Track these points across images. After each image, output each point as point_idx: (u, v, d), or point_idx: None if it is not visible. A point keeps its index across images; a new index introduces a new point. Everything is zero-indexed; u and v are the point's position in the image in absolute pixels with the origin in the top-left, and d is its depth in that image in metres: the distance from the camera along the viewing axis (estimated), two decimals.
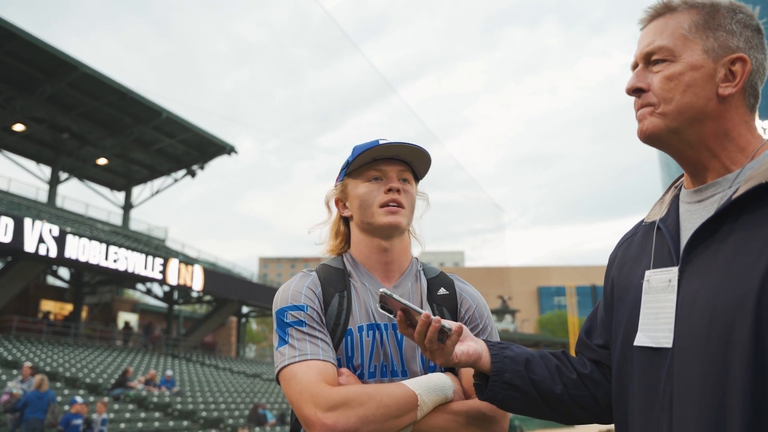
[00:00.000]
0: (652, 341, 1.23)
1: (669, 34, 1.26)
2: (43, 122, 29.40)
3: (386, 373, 1.60)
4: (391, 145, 1.67)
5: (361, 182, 1.71)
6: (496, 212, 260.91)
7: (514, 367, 1.42)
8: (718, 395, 1.07)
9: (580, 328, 1.58)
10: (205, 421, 17.12)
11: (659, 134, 1.28)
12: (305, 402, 1.45)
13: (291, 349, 1.53)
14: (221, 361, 30.72)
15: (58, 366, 18.81)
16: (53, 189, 32.55)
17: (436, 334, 1.34)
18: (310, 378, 1.48)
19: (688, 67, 1.23)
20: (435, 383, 1.55)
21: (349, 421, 1.42)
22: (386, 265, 1.72)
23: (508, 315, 58.58)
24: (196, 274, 27.71)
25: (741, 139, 1.24)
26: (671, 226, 1.30)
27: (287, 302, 1.61)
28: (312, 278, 1.69)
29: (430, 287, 1.74)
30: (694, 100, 1.23)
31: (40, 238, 20.75)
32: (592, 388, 1.45)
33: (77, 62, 26.10)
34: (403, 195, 1.69)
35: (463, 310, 1.73)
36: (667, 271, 1.24)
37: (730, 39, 1.23)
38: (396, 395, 1.48)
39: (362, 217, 1.69)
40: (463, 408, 1.55)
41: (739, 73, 1.22)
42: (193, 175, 36.04)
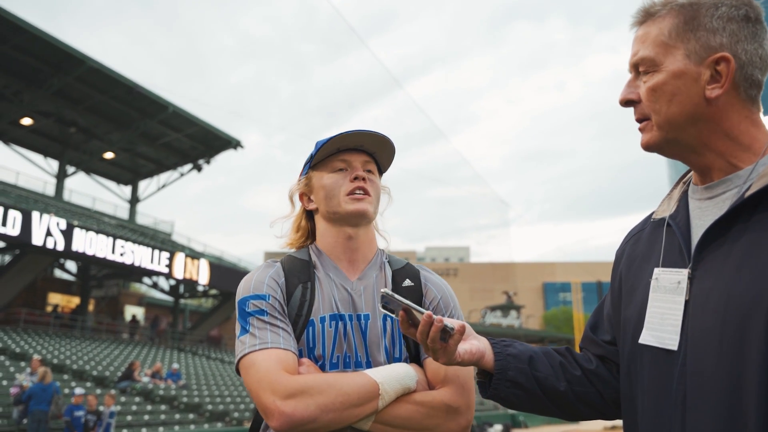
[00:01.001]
0: (657, 341, 1.22)
1: (650, 43, 1.23)
2: (51, 116, 29.47)
3: (350, 364, 1.58)
4: (355, 134, 1.66)
5: (325, 173, 1.70)
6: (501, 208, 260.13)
7: (518, 364, 1.41)
8: (732, 394, 1.06)
9: (585, 324, 1.58)
10: (210, 414, 17.18)
11: (658, 146, 1.27)
12: (263, 390, 1.43)
13: (251, 337, 1.52)
14: (227, 355, 30.79)
15: (65, 359, 18.92)
16: (60, 183, 32.65)
17: (439, 334, 1.33)
18: (269, 366, 1.46)
19: (671, 75, 1.21)
20: (398, 373, 1.54)
21: (308, 409, 1.41)
22: (351, 254, 1.70)
23: (513, 311, 58.47)
24: (202, 268, 27.75)
25: (744, 136, 1.21)
26: (681, 223, 1.27)
27: (249, 291, 1.60)
28: (276, 268, 1.68)
29: (395, 278, 1.72)
30: (680, 108, 1.21)
31: (47, 231, 20.84)
32: (598, 384, 1.44)
33: (84, 56, 26.12)
34: (369, 183, 1.68)
35: (427, 300, 1.71)
36: (677, 272, 1.22)
37: (711, 38, 1.19)
38: (357, 384, 1.47)
39: (328, 206, 1.68)
40: (427, 398, 1.54)
41: (725, 72, 1.18)
42: (200, 170, 36.06)
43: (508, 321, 55.98)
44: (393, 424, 1.50)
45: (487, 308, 59.49)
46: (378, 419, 1.49)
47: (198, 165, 35.90)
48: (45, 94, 27.42)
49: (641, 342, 1.26)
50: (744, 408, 1.04)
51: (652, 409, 1.21)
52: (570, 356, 1.49)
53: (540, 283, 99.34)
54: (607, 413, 1.46)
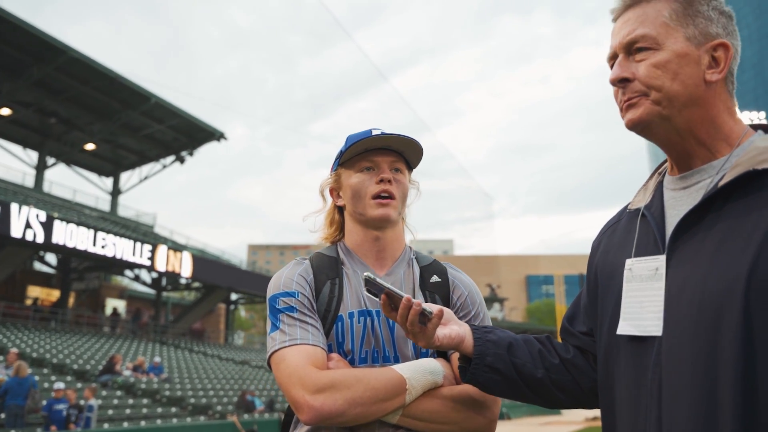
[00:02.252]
0: (638, 330, 1.23)
1: (651, 22, 1.25)
2: (30, 106, 29.06)
3: (378, 359, 1.62)
4: (382, 137, 1.69)
5: (353, 172, 1.73)
6: (486, 201, 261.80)
7: (496, 350, 1.44)
8: (708, 382, 1.07)
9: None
10: (193, 407, 17.12)
11: (651, 121, 1.26)
12: (293, 385, 1.47)
13: (281, 334, 1.57)
14: (210, 348, 30.72)
15: (45, 352, 18.74)
16: (40, 174, 32.28)
17: (417, 317, 1.37)
18: (299, 362, 1.50)
19: (674, 54, 1.22)
20: (425, 368, 1.57)
21: (336, 403, 1.44)
22: (378, 253, 1.74)
23: (497, 303, 58.89)
24: (185, 260, 27.61)
25: (725, 126, 1.25)
26: (656, 213, 1.29)
27: (279, 289, 1.65)
28: (304, 266, 1.72)
29: (423, 275, 1.76)
30: (683, 87, 1.22)
31: (27, 223, 20.58)
32: (575, 373, 1.46)
33: (65, 46, 25.79)
34: (394, 185, 1.71)
35: (455, 297, 1.75)
36: (653, 259, 1.23)
37: (709, 25, 1.23)
38: (384, 379, 1.50)
39: (354, 207, 1.72)
40: (453, 393, 1.57)
41: (722, 59, 1.23)
42: (182, 162, 35.82)
43: (491, 313, 56.20)
44: (420, 418, 1.54)
45: None
46: (405, 413, 1.52)
47: (181, 157, 35.67)
48: (25, 84, 27.01)
49: (619, 333, 1.27)
50: (720, 395, 1.05)
51: (629, 399, 1.22)
52: (549, 344, 1.51)
53: (523, 276, 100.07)
54: (584, 401, 1.48)
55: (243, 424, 15.72)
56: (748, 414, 1.01)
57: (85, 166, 36.05)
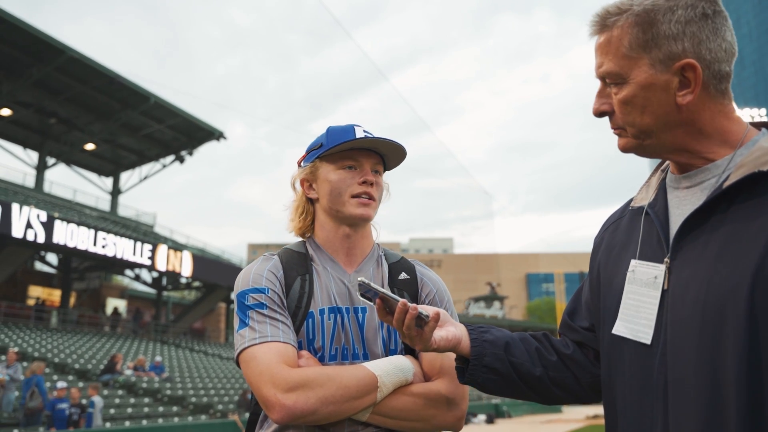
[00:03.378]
0: (630, 333, 1.23)
1: (613, 56, 1.22)
2: (30, 107, 29.04)
3: (347, 356, 1.61)
4: (372, 140, 1.67)
5: (334, 168, 1.70)
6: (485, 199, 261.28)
7: (494, 350, 1.43)
8: (713, 383, 1.06)
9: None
10: (194, 406, 17.12)
11: (635, 151, 1.28)
12: (264, 383, 1.46)
13: (251, 331, 1.54)
14: (210, 347, 30.70)
15: (46, 352, 18.75)
16: (41, 174, 32.25)
17: (414, 321, 1.36)
18: (270, 359, 1.49)
19: (639, 87, 1.20)
20: (395, 365, 1.57)
21: (308, 402, 1.44)
22: (349, 250, 1.73)
23: (497, 301, 58.79)
24: (185, 260, 27.62)
25: (719, 131, 1.22)
26: (660, 212, 1.28)
27: (248, 285, 1.62)
28: (273, 261, 1.69)
29: (392, 272, 1.76)
30: (654, 118, 1.21)
31: (27, 223, 20.60)
32: (574, 369, 1.46)
33: (64, 46, 25.76)
34: (375, 188, 1.70)
35: (423, 294, 1.75)
36: (654, 266, 1.22)
37: (673, 45, 1.17)
38: (356, 377, 1.50)
39: (331, 203, 1.70)
40: (423, 390, 1.58)
41: (693, 78, 1.17)
42: (182, 161, 35.77)
43: (491, 312, 56.29)
44: (390, 415, 1.54)
45: (471, 299, 59.80)
46: (376, 411, 1.53)
47: (180, 156, 35.62)
48: (24, 85, 27.00)
49: (614, 333, 1.27)
50: (725, 397, 1.04)
51: (633, 399, 1.22)
52: (547, 342, 1.51)
53: (523, 274, 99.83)
54: (583, 397, 1.48)
55: (244, 422, 15.72)
56: (755, 415, 1.01)
57: (85, 166, 36.00)
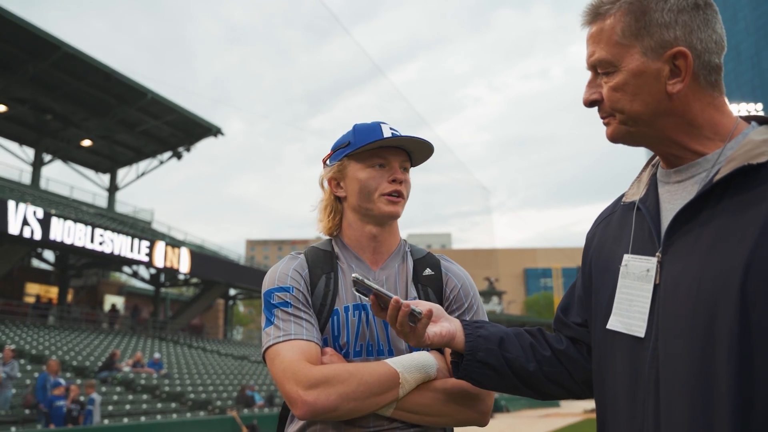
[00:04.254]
0: (624, 327, 1.23)
1: (605, 44, 1.23)
2: (26, 103, 28.97)
3: (372, 352, 1.63)
4: (401, 138, 1.68)
5: (363, 167, 1.70)
6: (484, 195, 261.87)
7: (488, 345, 1.44)
8: (704, 377, 1.06)
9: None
10: (193, 403, 17.15)
11: (623, 139, 1.28)
12: (287, 380, 1.49)
13: (276, 329, 1.58)
14: (209, 344, 30.73)
15: (44, 349, 18.73)
16: (37, 171, 32.17)
17: (407, 318, 1.39)
18: (293, 357, 1.52)
19: (630, 75, 1.21)
20: (417, 361, 1.58)
21: (329, 398, 1.46)
22: (375, 248, 1.74)
23: (495, 297, 58.99)
24: (183, 256, 27.59)
25: (709, 123, 1.22)
26: (651, 207, 1.28)
27: (274, 284, 1.65)
28: (299, 261, 1.72)
29: (416, 268, 1.76)
30: (644, 106, 1.21)
31: (24, 220, 20.53)
32: (568, 365, 1.46)
33: (60, 42, 25.68)
34: (404, 186, 1.71)
35: (448, 290, 1.75)
36: (646, 260, 1.23)
37: (665, 33, 1.18)
38: (377, 373, 1.52)
39: (361, 201, 1.70)
40: (446, 386, 1.59)
41: (683, 66, 1.18)
42: (179, 157, 35.74)
43: (489, 307, 56.49)
44: (414, 411, 1.56)
45: None
46: (399, 406, 1.54)
47: (178, 153, 35.59)
48: (20, 81, 26.90)
49: (609, 328, 1.28)
50: (716, 390, 1.05)
51: (625, 393, 1.22)
52: (541, 337, 1.52)
53: (521, 269, 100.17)
54: (577, 392, 1.49)
55: (243, 419, 15.74)
56: (746, 408, 1.01)
57: (82, 162, 35.96)
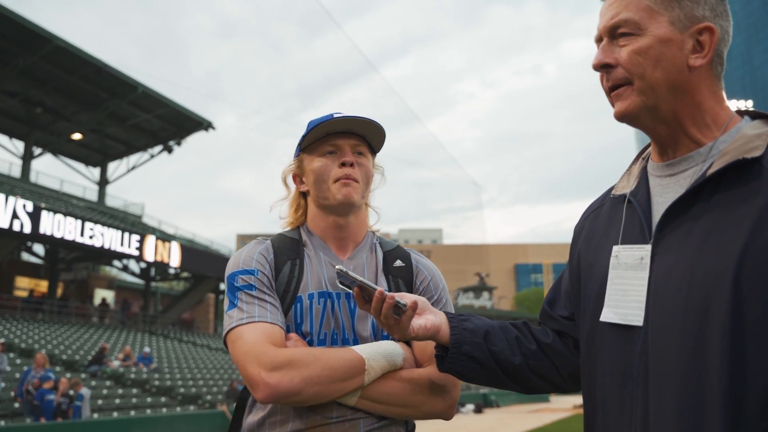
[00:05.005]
0: (620, 318, 1.22)
1: (634, 6, 1.21)
2: (16, 96, 28.72)
3: (337, 341, 1.60)
4: (344, 119, 1.66)
5: (315, 157, 1.70)
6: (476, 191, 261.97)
7: (473, 338, 1.43)
8: (695, 371, 1.06)
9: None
10: (183, 397, 17.10)
11: (636, 113, 1.24)
12: (249, 362, 1.45)
13: (239, 311, 1.54)
14: (199, 338, 30.65)
15: (33, 343, 18.64)
16: (27, 164, 31.94)
17: (392, 310, 1.36)
18: (256, 339, 1.48)
19: (656, 40, 1.19)
20: (384, 349, 1.56)
21: (293, 381, 1.42)
22: (341, 239, 1.73)
23: (486, 292, 59.09)
24: (174, 250, 27.49)
25: (711, 111, 1.22)
26: (642, 200, 1.27)
27: (238, 267, 1.62)
28: (265, 245, 1.70)
29: (386, 259, 1.75)
30: (665, 74, 1.19)
31: (13, 213, 20.40)
32: (553, 358, 1.45)
33: (51, 35, 25.45)
34: (357, 169, 1.69)
35: (418, 281, 1.74)
36: (639, 248, 1.22)
37: (695, 8, 1.19)
38: (343, 358, 1.49)
39: (317, 191, 1.69)
40: (413, 375, 1.57)
41: (707, 43, 1.19)
42: (170, 151, 35.56)
43: (480, 302, 56.58)
44: (379, 401, 1.53)
45: (460, 289, 60.07)
46: (364, 395, 1.51)
47: (168, 146, 35.41)
48: (10, 74, 26.68)
49: (602, 320, 1.26)
50: (707, 384, 1.04)
51: (613, 387, 1.21)
52: (527, 330, 1.51)
53: (512, 265, 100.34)
54: (563, 386, 1.49)
55: (233, 413, 15.71)
56: (736, 403, 1.01)
57: (72, 156, 35.71)
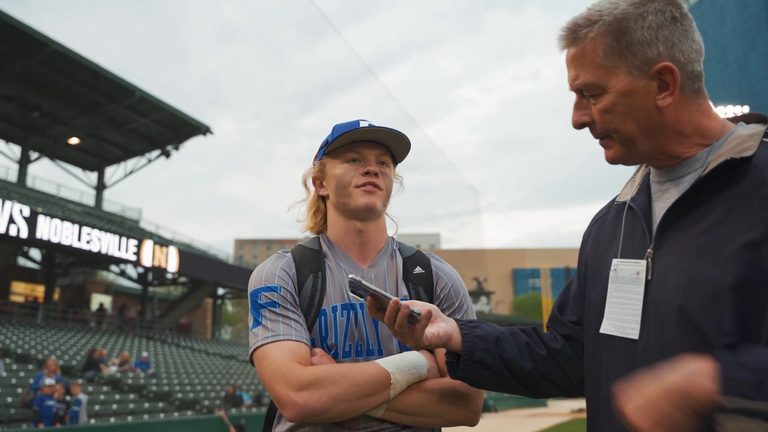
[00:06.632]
0: (617, 330, 1.24)
1: (589, 68, 1.23)
2: (13, 100, 28.69)
3: (362, 353, 1.61)
4: (371, 129, 1.67)
5: (339, 163, 1.70)
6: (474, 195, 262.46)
7: (485, 345, 1.43)
8: None
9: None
10: (180, 402, 17.07)
11: (624, 159, 1.28)
12: (277, 381, 1.47)
13: (264, 330, 1.55)
14: (197, 343, 30.57)
15: (30, 348, 18.58)
16: (23, 168, 31.86)
17: (406, 319, 1.37)
18: (282, 358, 1.49)
19: (619, 95, 1.21)
20: (408, 362, 1.56)
21: (320, 400, 1.44)
22: (362, 245, 1.72)
23: (483, 297, 59.11)
24: (171, 255, 27.45)
25: (698, 129, 1.23)
26: (642, 205, 1.29)
27: (261, 283, 1.62)
28: (286, 259, 1.70)
29: (406, 266, 1.75)
30: (636, 123, 1.22)
31: (10, 218, 20.35)
32: (563, 363, 1.47)
33: (48, 39, 25.44)
34: (380, 178, 1.69)
35: (438, 288, 1.74)
36: (635, 263, 1.24)
37: (647, 50, 1.19)
38: (368, 374, 1.50)
39: (338, 197, 1.69)
40: (437, 386, 1.57)
41: (670, 81, 1.19)
42: (168, 156, 35.52)
43: (478, 307, 56.57)
44: (405, 412, 1.54)
45: None
46: (390, 407, 1.53)
47: (166, 151, 35.37)
48: (6, 78, 26.65)
49: (602, 332, 1.28)
50: None
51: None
52: (536, 336, 1.51)
53: (510, 270, 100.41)
54: (572, 391, 1.49)
55: (230, 418, 15.68)
56: None
57: (69, 160, 35.65)
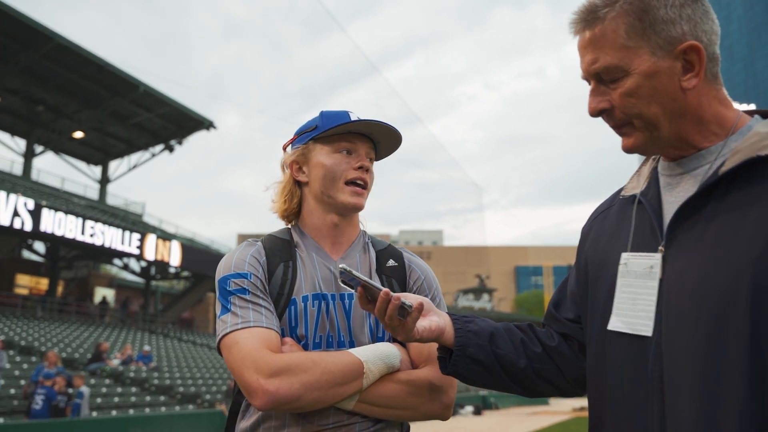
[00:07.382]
0: (628, 327, 1.19)
1: (610, 49, 1.17)
2: (18, 94, 28.75)
3: (332, 344, 1.57)
4: (371, 122, 1.64)
5: (329, 151, 1.65)
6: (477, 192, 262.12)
7: (478, 341, 1.40)
8: (712, 376, 1.03)
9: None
10: (182, 396, 17.11)
11: (644, 147, 1.23)
12: (247, 368, 1.41)
13: (233, 316, 1.50)
14: (199, 337, 30.64)
15: (33, 341, 18.65)
16: (28, 162, 31.95)
17: (396, 311, 1.32)
18: (253, 344, 1.44)
19: (643, 77, 1.15)
20: (382, 352, 1.54)
21: (292, 387, 1.39)
22: (335, 238, 1.69)
23: (486, 294, 59.03)
24: (174, 249, 27.50)
25: (716, 117, 1.19)
26: (653, 200, 1.24)
27: (230, 270, 1.57)
28: (257, 247, 1.65)
29: (379, 259, 1.72)
30: (661, 107, 1.16)
31: (14, 211, 20.41)
32: (558, 362, 1.43)
33: (52, 33, 25.47)
34: (368, 175, 1.67)
35: (411, 281, 1.72)
36: (649, 256, 1.18)
37: (672, 29, 1.14)
38: (341, 362, 1.47)
39: (324, 188, 1.65)
40: (410, 377, 1.55)
41: (696, 60, 1.14)
42: (171, 150, 35.56)
43: (480, 304, 56.53)
44: (376, 403, 1.51)
45: (460, 291, 60.00)
46: (362, 398, 1.49)
47: (170, 145, 35.41)
48: (12, 71, 26.69)
49: (610, 329, 1.23)
50: (725, 390, 1.02)
51: (625, 392, 1.18)
52: (531, 333, 1.48)
53: (512, 267, 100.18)
54: (567, 391, 1.46)
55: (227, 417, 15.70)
56: (755, 408, 0.99)
57: (74, 154, 35.70)
